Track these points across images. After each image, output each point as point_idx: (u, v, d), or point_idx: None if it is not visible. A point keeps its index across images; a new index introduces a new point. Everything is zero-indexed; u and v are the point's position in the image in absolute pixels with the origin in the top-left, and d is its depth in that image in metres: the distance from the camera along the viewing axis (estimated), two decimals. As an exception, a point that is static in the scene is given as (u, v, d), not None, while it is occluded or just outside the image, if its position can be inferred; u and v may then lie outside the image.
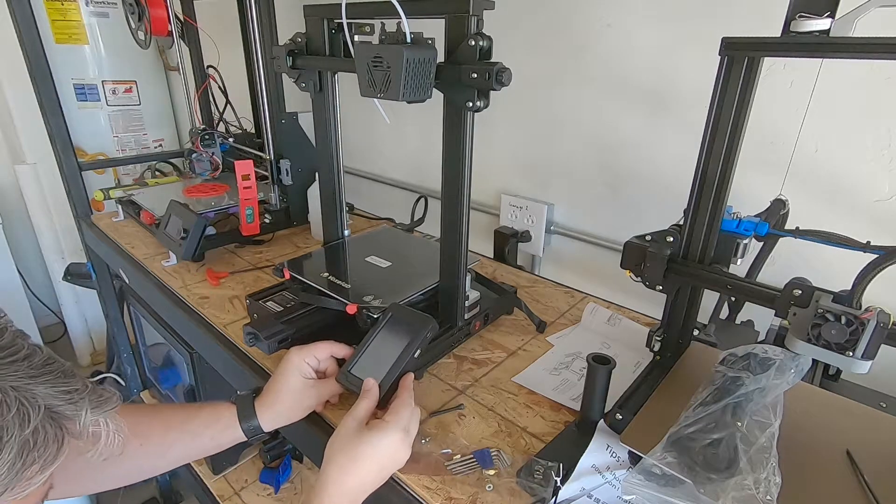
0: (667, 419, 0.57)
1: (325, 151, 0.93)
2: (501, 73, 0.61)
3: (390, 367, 0.66)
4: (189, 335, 1.02)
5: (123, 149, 2.22)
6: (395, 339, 0.69)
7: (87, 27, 2.03)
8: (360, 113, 1.55)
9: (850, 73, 0.78)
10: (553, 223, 1.24)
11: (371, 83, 0.64)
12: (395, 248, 0.99)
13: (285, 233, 1.28)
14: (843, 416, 0.63)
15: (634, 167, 1.07)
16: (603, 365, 0.60)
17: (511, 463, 0.62)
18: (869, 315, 0.47)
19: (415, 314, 0.70)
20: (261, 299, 0.86)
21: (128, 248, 1.19)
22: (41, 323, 2.38)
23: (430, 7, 0.66)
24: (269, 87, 1.16)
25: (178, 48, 1.37)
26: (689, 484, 0.50)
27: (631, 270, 0.66)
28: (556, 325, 0.92)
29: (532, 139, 1.22)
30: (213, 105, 1.48)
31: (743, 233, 0.61)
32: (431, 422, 0.69)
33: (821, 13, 0.48)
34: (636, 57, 1.00)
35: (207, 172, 1.39)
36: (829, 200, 0.85)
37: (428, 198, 1.27)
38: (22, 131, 2.12)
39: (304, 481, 1.34)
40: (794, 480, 0.51)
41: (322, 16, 0.81)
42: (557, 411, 0.71)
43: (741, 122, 0.56)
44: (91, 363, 2.47)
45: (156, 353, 1.46)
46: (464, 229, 0.74)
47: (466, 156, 0.69)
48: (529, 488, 0.57)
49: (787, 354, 0.55)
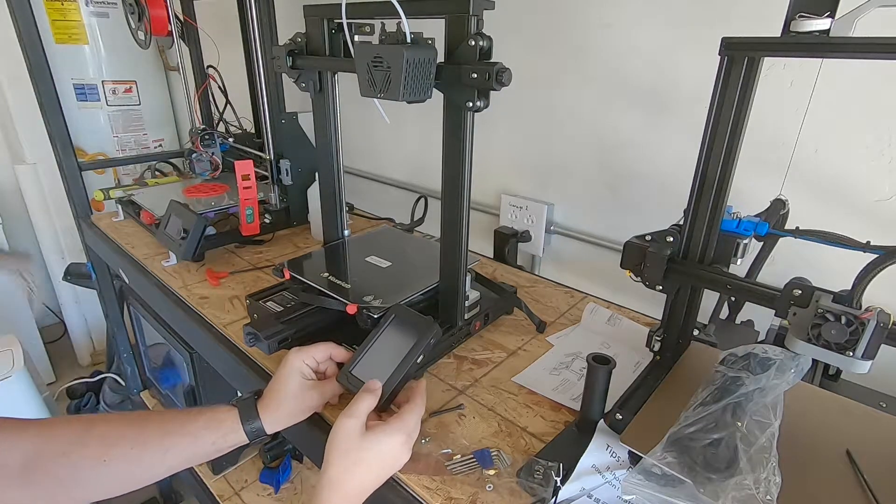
0: (667, 419, 0.57)
1: (325, 151, 0.93)
2: (501, 73, 0.61)
3: (393, 371, 0.65)
4: (189, 335, 1.02)
5: (123, 149, 2.22)
6: (398, 342, 0.68)
7: (87, 27, 2.03)
8: (360, 113, 1.55)
9: (849, 73, 0.78)
10: (553, 223, 1.24)
11: (371, 83, 0.64)
12: (395, 248, 0.99)
13: (285, 233, 1.28)
14: (843, 415, 0.63)
15: (634, 167, 1.07)
16: (603, 365, 0.60)
17: (511, 463, 0.62)
18: (869, 315, 0.47)
19: (417, 317, 0.70)
20: (261, 299, 0.86)
21: (128, 248, 1.19)
22: (41, 323, 2.38)
23: (430, 7, 0.66)
24: (269, 87, 1.16)
25: (178, 48, 1.37)
26: (689, 484, 0.50)
27: (631, 270, 0.66)
28: (556, 325, 0.92)
29: (532, 139, 1.22)
30: (213, 105, 1.48)
31: (743, 233, 0.61)
32: (431, 422, 0.69)
33: (821, 13, 0.48)
34: (636, 57, 1.00)
35: (207, 172, 1.39)
36: (829, 200, 0.85)
37: (428, 198, 1.27)
38: (22, 131, 2.12)
39: (304, 481, 1.34)
40: (794, 480, 0.51)
41: (322, 16, 0.81)
42: (557, 411, 0.71)
43: (741, 122, 0.56)
44: (91, 363, 2.47)
45: (156, 353, 1.46)
46: (464, 229, 0.74)
47: (466, 156, 0.69)
48: (529, 488, 0.57)
49: (787, 354, 0.55)
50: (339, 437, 0.57)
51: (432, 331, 0.68)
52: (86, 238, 1.41)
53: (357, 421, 0.58)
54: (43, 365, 2.33)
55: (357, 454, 0.56)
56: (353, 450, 0.56)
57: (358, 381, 0.66)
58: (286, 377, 0.66)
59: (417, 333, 0.68)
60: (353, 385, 0.66)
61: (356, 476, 0.55)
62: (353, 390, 0.66)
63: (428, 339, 0.67)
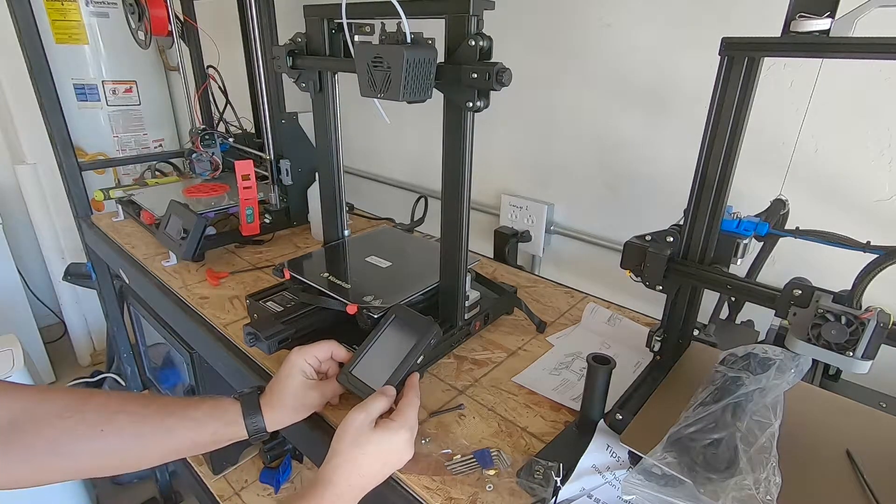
0: (667, 419, 0.57)
1: (325, 151, 0.93)
2: (501, 73, 0.61)
3: (393, 371, 0.65)
4: (189, 335, 1.02)
5: (123, 149, 2.22)
6: (398, 342, 0.68)
7: (87, 27, 2.03)
8: (360, 113, 1.55)
9: (850, 73, 0.78)
10: (553, 223, 1.24)
11: (371, 83, 0.64)
12: (395, 248, 0.99)
13: (285, 233, 1.28)
14: (843, 415, 0.63)
15: (634, 167, 1.07)
16: (603, 365, 0.60)
17: (511, 463, 0.62)
18: (869, 315, 0.47)
19: (417, 317, 0.70)
20: (261, 299, 0.87)
21: (128, 248, 1.19)
22: (41, 323, 2.38)
23: (430, 7, 0.66)
24: (269, 87, 1.16)
25: (178, 48, 1.37)
26: (689, 484, 0.50)
27: (631, 270, 0.66)
28: (556, 325, 0.92)
29: (532, 139, 1.22)
30: (213, 105, 1.48)
31: (743, 233, 0.61)
32: (431, 422, 0.69)
33: (821, 13, 0.48)
34: (636, 57, 1.00)
35: (207, 172, 1.39)
36: (829, 200, 0.85)
37: (428, 198, 1.27)
38: (22, 131, 2.13)
39: (304, 481, 1.34)
40: (794, 480, 0.51)
41: (322, 16, 0.81)
42: (557, 411, 0.71)
43: (741, 122, 0.56)
44: (91, 363, 2.47)
45: (156, 353, 1.46)
46: (464, 229, 0.74)
47: (466, 156, 0.69)
48: (529, 488, 0.57)
49: (787, 354, 0.55)
50: (349, 428, 0.58)
51: (432, 331, 0.68)
52: (86, 238, 1.41)
53: (368, 416, 0.59)
54: (43, 365, 2.33)
55: (365, 447, 0.56)
56: (362, 442, 0.57)
57: (358, 382, 0.66)
58: (288, 375, 0.66)
59: (417, 334, 0.68)
60: (354, 385, 0.66)
61: (362, 466, 0.56)
62: (353, 390, 0.66)
63: (428, 339, 0.67)
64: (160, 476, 1.81)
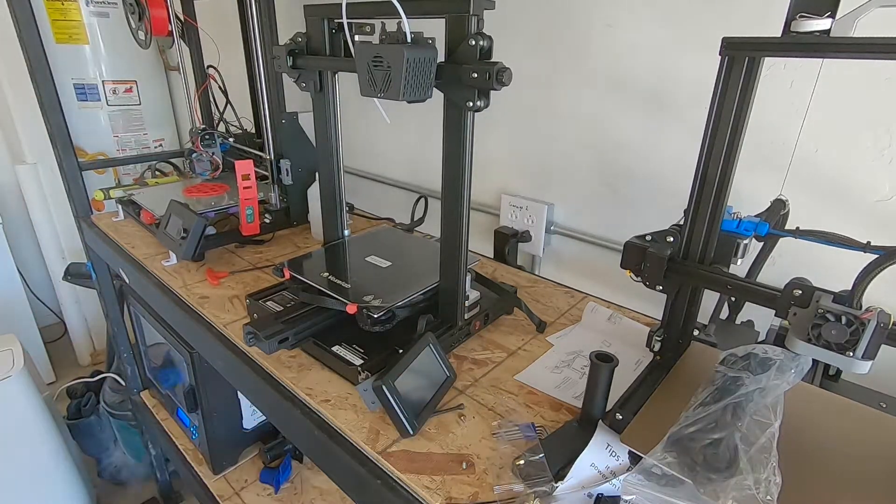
0: (667, 419, 0.57)
1: (325, 151, 0.93)
2: (501, 73, 0.61)
3: (429, 400, 0.69)
4: (189, 335, 1.02)
5: (123, 149, 2.22)
6: (430, 371, 0.71)
7: (88, 27, 2.03)
8: (360, 113, 1.55)
9: (850, 73, 0.78)
10: (553, 223, 1.24)
11: (371, 83, 0.64)
12: (395, 248, 0.99)
13: (285, 233, 1.28)
14: (843, 416, 0.63)
15: (634, 167, 1.07)
16: (606, 363, 0.60)
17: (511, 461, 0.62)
18: (869, 315, 0.47)
19: (444, 359, 0.74)
20: (261, 299, 0.87)
21: (128, 248, 1.19)
22: (41, 323, 2.38)
23: (431, 7, 0.66)
24: (269, 87, 1.16)
25: (179, 48, 1.37)
26: (689, 484, 0.50)
27: (631, 270, 0.66)
28: (556, 325, 0.92)
29: (532, 139, 1.22)
30: (214, 105, 1.48)
31: (743, 233, 0.61)
32: (431, 422, 0.68)
33: (821, 13, 0.48)
34: (636, 57, 1.00)
35: (207, 172, 1.39)
36: (829, 200, 0.85)
37: (428, 198, 1.27)
38: (22, 131, 2.13)
39: (304, 481, 1.34)
40: (794, 480, 0.51)
41: (322, 16, 0.81)
42: (557, 410, 0.71)
43: (741, 122, 0.56)
44: (91, 363, 2.47)
45: (156, 353, 1.46)
46: (464, 229, 0.74)
47: (466, 156, 0.69)
48: (529, 485, 0.57)
49: (787, 354, 0.55)
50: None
51: (450, 381, 0.73)
52: (86, 238, 1.41)
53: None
54: (43, 365, 2.33)
55: None
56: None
57: (398, 395, 0.64)
58: None
59: (443, 375, 0.72)
60: (394, 396, 0.64)
61: None
62: (388, 401, 0.64)
63: (448, 387, 0.72)
64: (160, 476, 1.81)
